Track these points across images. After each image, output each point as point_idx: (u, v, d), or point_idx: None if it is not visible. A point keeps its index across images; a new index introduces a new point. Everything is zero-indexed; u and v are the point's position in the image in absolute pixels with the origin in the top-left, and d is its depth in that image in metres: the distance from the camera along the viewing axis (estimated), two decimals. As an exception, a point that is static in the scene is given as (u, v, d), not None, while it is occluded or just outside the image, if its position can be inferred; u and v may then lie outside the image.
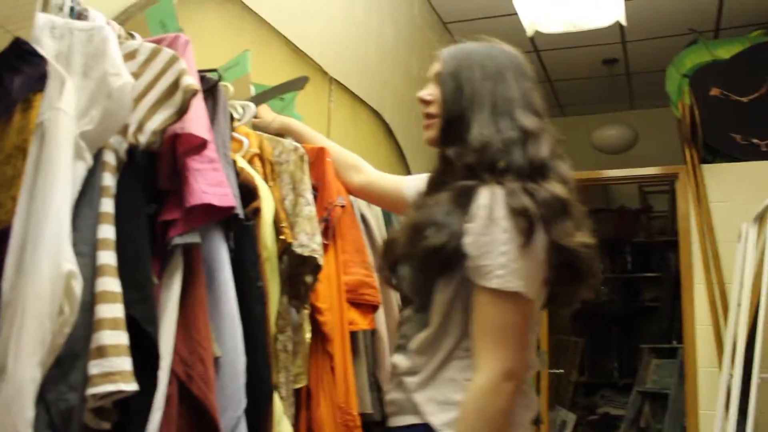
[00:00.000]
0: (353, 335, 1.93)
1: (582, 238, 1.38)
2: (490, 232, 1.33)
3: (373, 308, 1.96)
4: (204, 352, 1.33)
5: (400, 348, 1.48)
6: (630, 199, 6.55)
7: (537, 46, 5.46)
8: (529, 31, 3.54)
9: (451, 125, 1.46)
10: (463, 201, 1.37)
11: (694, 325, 4.03)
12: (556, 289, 1.43)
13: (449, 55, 1.53)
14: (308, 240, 1.68)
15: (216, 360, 1.37)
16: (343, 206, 1.98)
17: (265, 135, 1.80)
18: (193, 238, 1.33)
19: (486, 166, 1.38)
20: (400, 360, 1.45)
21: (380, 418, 2.02)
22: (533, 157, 1.40)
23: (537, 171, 1.39)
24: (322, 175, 2.00)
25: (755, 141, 4.08)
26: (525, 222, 1.32)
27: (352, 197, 2.10)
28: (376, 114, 3.90)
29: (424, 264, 1.40)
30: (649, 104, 6.07)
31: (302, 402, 1.78)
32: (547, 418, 4.52)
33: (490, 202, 1.34)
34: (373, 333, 2.04)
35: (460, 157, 1.42)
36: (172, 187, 1.35)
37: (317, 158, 2.02)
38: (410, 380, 1.41)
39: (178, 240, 1.31)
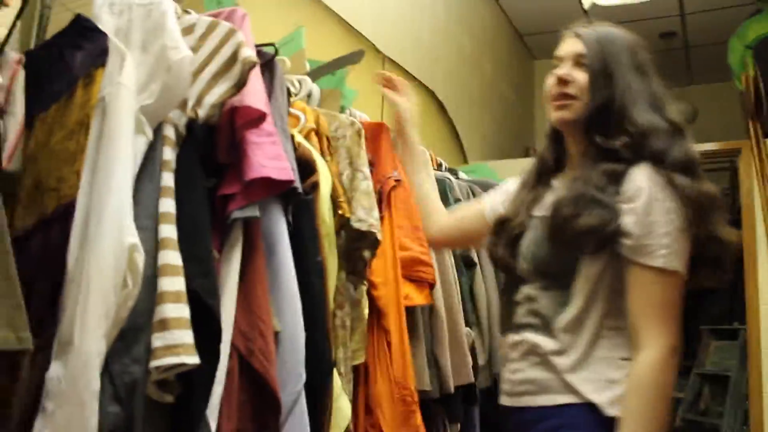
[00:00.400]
0: (410, 311, 1.91)
1: (730, 234, 1.41)
2: (654, 212, 1.35)
3: (430, 285, 1.95)
4: (264, 327, 1.33)
5: (531, 328, 1.44)
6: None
7: (593, 21, 5.34)
8: (587, 3, 3.46)
9: (603, 111, 1.44)
10: (615, 181, 1.39)
11: (759, 305, 3.92)
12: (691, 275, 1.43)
13: (592, 38, 1.50)
14: (366, 215, 1.66)
15: (276, 334, 1.37)
16: (398, 180, 1.97)
17: (322, 110, 1.79)
18: (253, 212, 1.32)
19: (646, 154, 1.40)
20: (540, 339, 1.42)
21: (438, 395, 2.01)
22: (687, 152, 1.41)
23: (690, 166, 1.40)
24: (377, 150, 1.99)
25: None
26: (685, 206, 1.36)
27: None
28: (429, 91, 3.86)
29: (579, 242, 1.38)
30: (709, 79, 5.90)
31: (360, 378, 1.78)
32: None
33: (650, 184, 1.36)
34: (431, 309, 2.02)
35: (613, 141, 1.42)
36: (231, 161, 1.34)
37: (375, 133, 2.01)
38: (560, 360, 1.39)
39: (237, 214, 1.31)
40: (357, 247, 1.68)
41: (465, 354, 2.10)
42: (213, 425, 1.25)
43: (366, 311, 1.75)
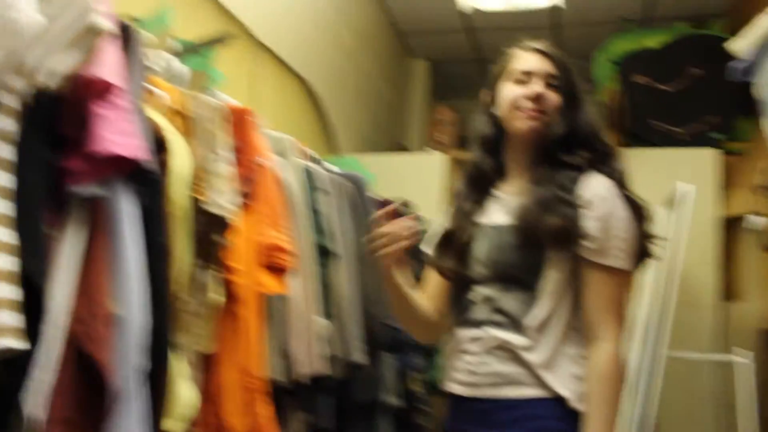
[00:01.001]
0: (264, 299, 1.89)
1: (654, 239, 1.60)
2: (613, 218, 1.51)
3: (287, 273, 1.93)
4: (101, 310, 1.27)
5: (495, 324, 1.54)
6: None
7: (474, 25, 5.47)
8: (467, 7, 3.53)
9: (571, 132, 1.59)
10: (573, 185, 1.54)
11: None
12: None
13: (559, 60, 1.64)
14: (222, 199, 1.63)
15: (114, 318, 1.32)
16: (264, 168, 1.95)
17: (184, 90, 1.74)
18: (98, 190, 1.27)
19: (601, 169, 1.57)
20: (510, 336, 1.52)
21: (289, 385, 2.01)
22: (624, 174, 1.60)
23: (626, 181, 1.59)
24: (244, 136, 1.95)
25: (675, 129, 4.19)
26: (638, 216, 1.54)
27: (276, 157, 2.07)
28: (303, 82, 3.84)
29: (548, 241, 1.50)
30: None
31: (207, 365, 1.74)
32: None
33: (609, 194, 1.53)
34: (286, 298, 2.01)
35: (578, 158, 1.58)
36: (78, 134, 1.28)
37: (240, 118, 1.97)
38: (530, 356, 1.49)
39: (81, 191, 1.25)
40: (211, 231, 1.64)
41: (317, 343, 2.09)
42: (41, 413, 1.19)
43: (216, 297, 1.72)
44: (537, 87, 1.60)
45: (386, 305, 2.74)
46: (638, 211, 1.55)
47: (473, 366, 1.55)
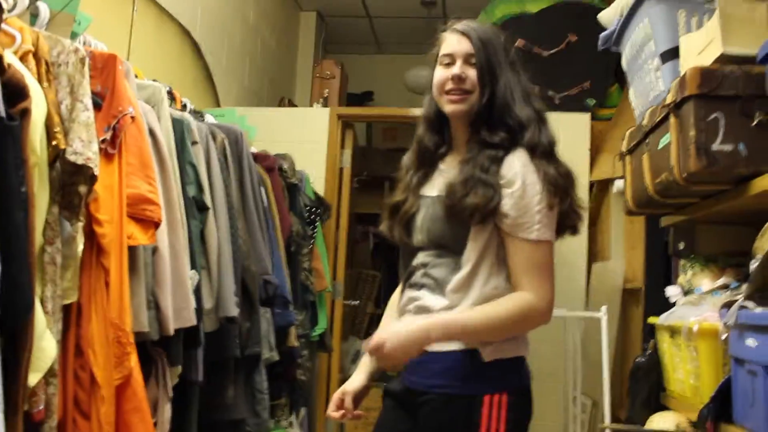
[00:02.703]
0: (132, 251, 1.86)
1: (582, 204, 1.75)
2: (527, 195, 1.62)
3: (155, 224, 1.90)
4: (-50, 259, 1.23)
5: (426, 287, 1.71)
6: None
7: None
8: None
9: (487, 106, 1.68)
10: (496, 165, 1.65)
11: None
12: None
13: (477, 37, 1.71)
14: (83, 148, 1.59)
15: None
16: (133, 117, 1.90)
17: (43, 32, 1.66)
18: (-58, 134, 1.21)
19: (522, 143, 1.67)
20: (434, 299, 1.68)
21: (158, 337, 1.99)
22: (550, 137, 1.70)
23: (552, 150, 1.69)
24: (111, 83, 1.90)
25: (550, 93, 4.33)
26: (553, 187, 1.63)
27: (142, 107, 2.01)
28: (185, 32, 3.73)
29: (467, 216, 1.63)
30: (462, 50, 6.26)
31: (72, 318, 1.71)
32: (339, 348, 4.64)
33: (524, 171, 1.63)
34: (155, 250, 1.98)
35: (495, 134, 1.68)
36: None
37: (107, 64, 1.91)
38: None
39: (-77, 134, 1.19)
40: (72, 181, 1.60)
41: (187, 296, 2.08)
42: None
43: (80, 248, 1.68)
44: (455, 69, 1.70)
45: (262, 260, 2.75)
46: (556, 184, 1.64)
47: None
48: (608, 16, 2.69)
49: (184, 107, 2.64)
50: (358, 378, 1.93)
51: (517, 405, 1.64)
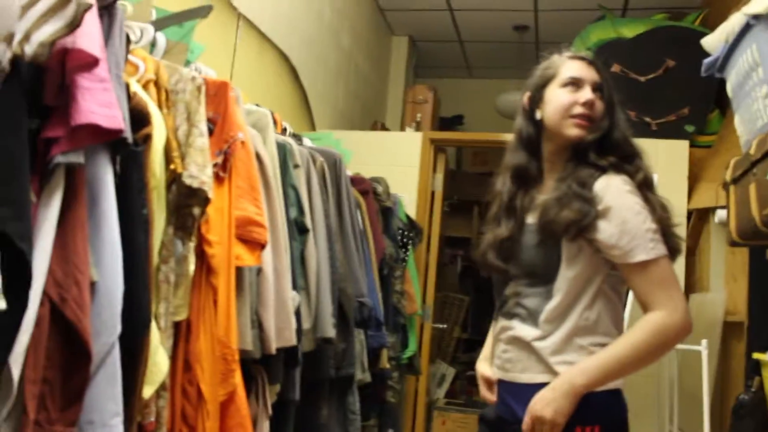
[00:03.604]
0: (238, 271, 1.93)
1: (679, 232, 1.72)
2: (630, 218, 1.60)
3: (261, 246, 1.96)
4: (80, 276, 1.30)
5: (518, 317, 1.71)
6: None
7: (451, 5, 5.49)
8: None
9: (605, 136, 1.71)
10: (590, 183, 1.65)
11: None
12: None
13: (602, 68, 1.78)
14: (198, 171, 1.65)
15: (93, 285, 1.35)
16: (243, 142, 1.97)
17: (163, 61, 1.75)
18: (77, 158, 1.29)
19: (622, 170, 1.67)
20: (526, 329, 1.68)
21: (260, 355, 2.04)
22: (647, 173, 1.71)
23: (651, 183, 1.70)
24: (223, 109, 1.97)
25: (647, 119, 4.25)
26: (653, 210, 1.63)
27: (249, 131, 2.08)
28: (283, 56, 3.84)
29: (562, 231, 1.63)
30: (554, 74, 6.21)
31: (181, 334, 1.77)
32: (426, 371, 4.64)
33: (619, 188, 1.63)
34: (259, 271, 2.04)
35: (605, 161, 1.68)
36: (59, 104, 1.30)
37: (219, 91, 1.99)
38: (540, 345, 1.65)
39: (60, 159, 1.27)
40: (187, 203, 1.67)
41: (289, 317, 2.13)
42: (16, 373, 1.22)
43: (192, 267, 1.75)
44: (587, 94, 1.72)
45: (358, 282, 2.79)
46: (654, 208, 1.64)
47: (502, 353, 1.74)
48: (712, 42, 2.63)
49: (284, 131, 2.72)
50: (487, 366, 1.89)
51: None
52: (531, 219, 1.74)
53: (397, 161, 4.51)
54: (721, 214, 3.49)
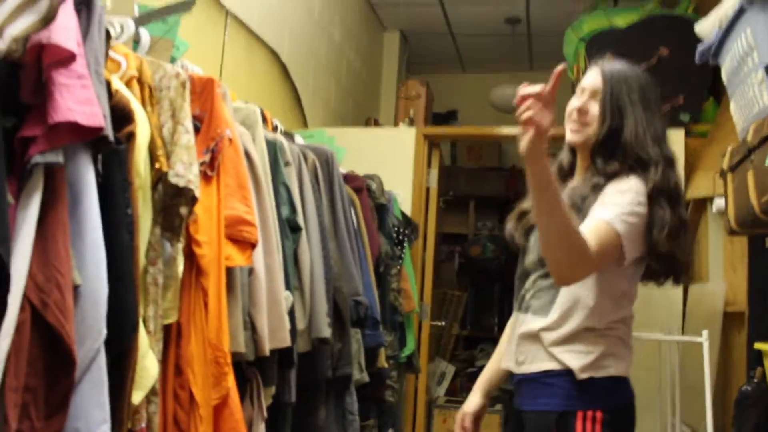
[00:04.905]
0: (229, 272, 1.88)
1: (686, 255, 1.74)
2: (625, 193, 1.65)
3: (252, 245, 1.92)
4: (62, 279, 1.25)
5: (532, 309, 1.75)
6: (522, 159, 6.69)
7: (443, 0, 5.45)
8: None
9: (609, 140, 1.74)
10: (599, 191, 1.69)
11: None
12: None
13: (609, 73, 1.78)
14: (185, 170, 1.61)
15: (76, 288, 1.30)
16: (230, 139, 1.93)
17: (146, 57, 1.70)
18: (55, 158, 1.24)
19: (636, 173, 1.69)
20: (536, 321, 1.72)
21: (253, 357, 2.00)
22: (676, 183, 1.72)
23: (674, 195, 1.70)
24: (210, 106, 1.93)
25: (642, 109, 4.21)
26: (661, 222, 1.65)
27: (238, 129, 2.04)
28: (273, 53, 3.80)
29: None
30: (548, 66, 6.14)
31: (172, 337, 1.73)
32: (426, 369, 4.60)
33: (628, 184, 1.67)
34: (251, 271, 1.99)
35: (611, 165, 1.72)
36: (36, 102, 1.25)
37: (206, 88, 1.95)
38: (547, 335, 1.70)
39: (38, 158, 1.22)
40: (174, 203, 1.62)
41: (282, 317, 2.09)
42: (-2, 379, 1.17)
43: (181, 269, 1.70)
44: (580, 101, 1.79)
45: (353, 281, 2.75)
46: (664, 218, 1.65)
47: (516, 346, 1.79)
48: (706, 28, 2.59)
49: (275, 129, 2.67)
50: (474, 399, 2.00)
51: (614, 422, 1.66)
52: None
53: (391, 158, 4.47)
54: (719, 203, 3.45)
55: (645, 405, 3.75)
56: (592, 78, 1.79)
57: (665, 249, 1.65)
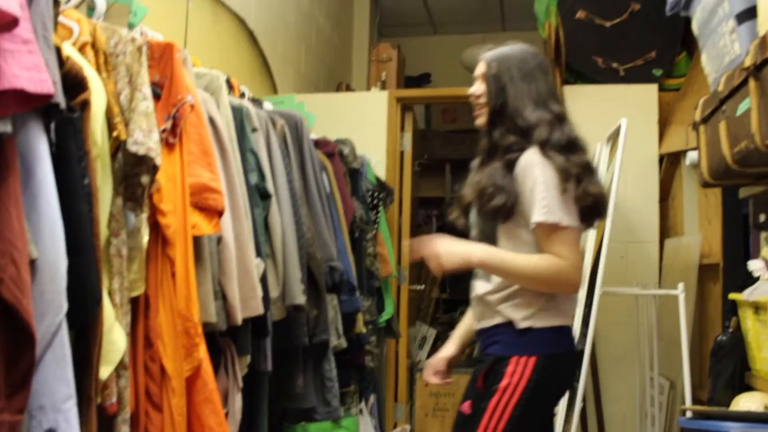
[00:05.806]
0: (197, 241, 1.85)
1: (598, 189, 1.93)
2: (535, 188, 1.84)
3: (218, 213, 1.88)
4: (17, 253, 1.21)
5: (480, 276, 2.00)
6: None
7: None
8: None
9: (499, 114, 1.97)
10: (510, 168, 1.89)
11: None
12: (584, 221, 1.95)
13: (491, 59, 2.03)
14: (144, 137, 1.56)
15: (33, 262, 1.26)
16: (192, 105, 1.88)
17: (100, 23, 1.65)
18: (3, 127, 1.19)
19: (534, 141, 1.89)
20: (483, 286, 1.97)
21: (225, 327, 1.97)
22: (568, 134, 1.93)
23: (569, 145, 1.91)
24: (170, 72, 1.88)
25: (614, 65, 4.18)
26: (562, 175, 1.84)
27: (201, 95, 1.99)
28: (240, 20, 3.72)
29: (492, 216, 1.91)
30: (519, 26, 6.13)
31: (140, 310, 1.69)
32: (406, 333, 4.60)
33: (528, 167, 1.86)
34: (219, 240, 1.96)
35: (507, 136, 1.94)
36: (-21, 70, 1.20)
37: (165, 53, 1.89)
38: (492, 297, 1.94)
39: (-16, 128, 1.18)
40: (135, 172, 1.58)
41: (254, 285, 2.06)
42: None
43: (146, 240, 1.66)
44: (472, 88, 2.05)
45: (327, 246, 2.72)
46: (566, 172, 1.85)
47: (473, 308, 2.07)
48: (676, -20, 2.57)
49: (242, 95, 2.62)
50: (451, 347, 2.22)
51: (545, 369, 1.86)
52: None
53: (364, 122, 4.42)
54: (692, 156, 3.45)
55: (623, 359, 3.79)
56: (479, 66, 2.04)
57: (578, 192, 1.87)
